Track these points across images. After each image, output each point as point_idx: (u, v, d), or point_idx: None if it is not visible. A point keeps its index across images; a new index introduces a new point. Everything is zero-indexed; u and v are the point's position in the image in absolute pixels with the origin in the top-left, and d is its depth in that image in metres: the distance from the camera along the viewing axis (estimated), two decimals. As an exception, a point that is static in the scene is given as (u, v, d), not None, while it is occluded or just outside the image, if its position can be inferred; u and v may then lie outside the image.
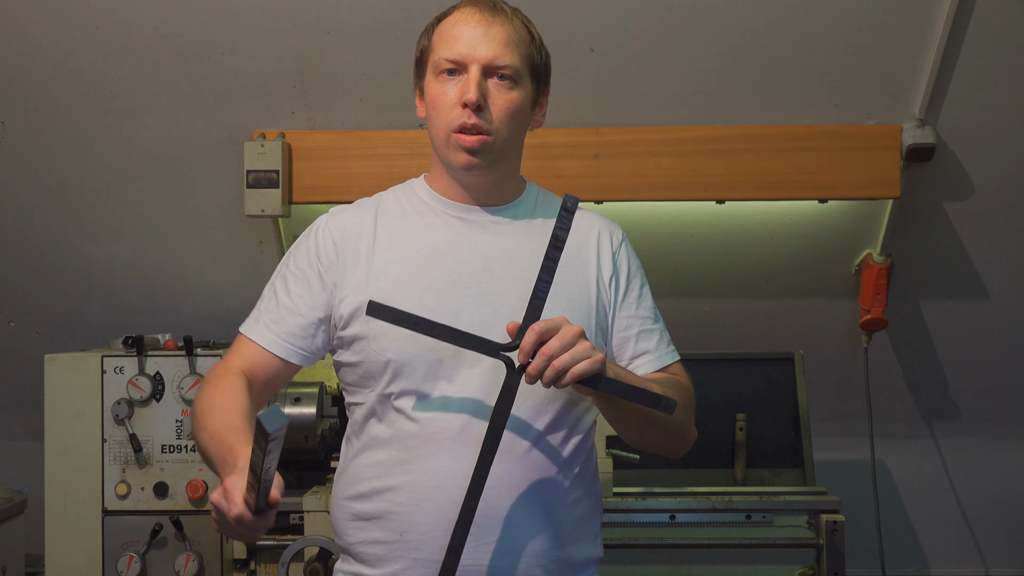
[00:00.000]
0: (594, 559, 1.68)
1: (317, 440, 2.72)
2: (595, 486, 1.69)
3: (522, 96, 1.63)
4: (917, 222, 3.05)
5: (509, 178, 1.70)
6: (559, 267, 1.51)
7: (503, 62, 1.60)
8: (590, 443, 1.68)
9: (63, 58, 2.85)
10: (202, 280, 3.22)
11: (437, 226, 1.67)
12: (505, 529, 1.55)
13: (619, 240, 1.73)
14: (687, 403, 1.66)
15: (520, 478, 1.56)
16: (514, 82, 1.62)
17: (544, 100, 1.71)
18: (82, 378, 2.62)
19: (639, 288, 1.72)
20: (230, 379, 1.60)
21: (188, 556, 2.57)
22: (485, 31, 1.60)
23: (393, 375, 1.59)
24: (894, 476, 3.47)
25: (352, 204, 1.73)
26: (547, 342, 1.42)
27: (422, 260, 1.62)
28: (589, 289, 1.66)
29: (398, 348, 1.57)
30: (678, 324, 1.80)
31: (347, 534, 1.64)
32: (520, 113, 1.64)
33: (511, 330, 1.46)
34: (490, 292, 1.60)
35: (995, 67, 2.79)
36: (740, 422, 3.03)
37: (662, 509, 2.69)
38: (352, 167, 2.95)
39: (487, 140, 1.60)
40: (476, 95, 1.58)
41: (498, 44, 1.60)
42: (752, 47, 2.81)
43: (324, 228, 1.69)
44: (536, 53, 1.67)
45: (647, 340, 1.69)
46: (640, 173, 2.93)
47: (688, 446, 1.71)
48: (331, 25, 2.76)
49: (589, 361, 1.43)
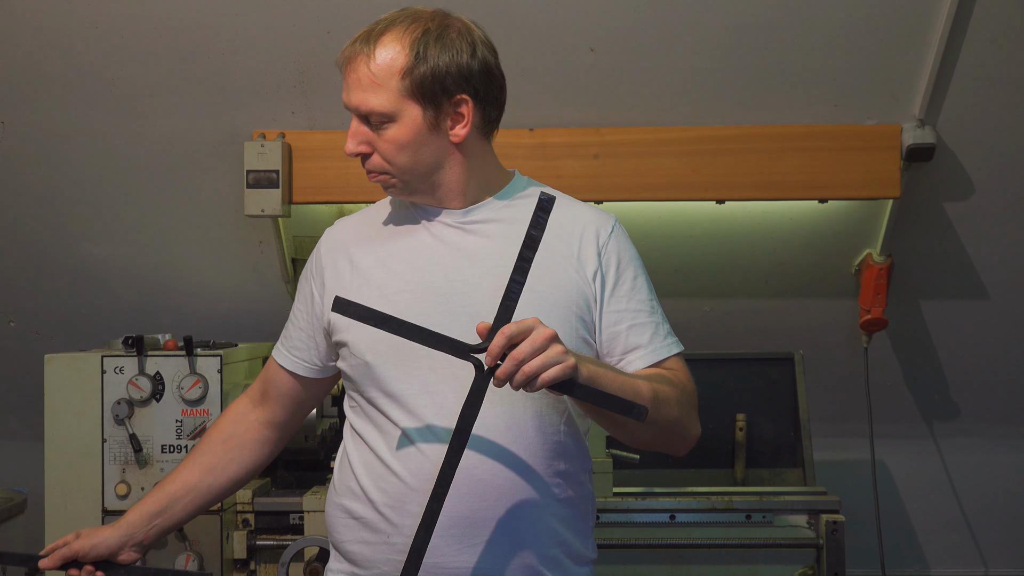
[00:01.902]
0: (586, 559, 1.65)
1: (317, 440, 2.72)
2: (586, 485, 1.66)
3: (403, 130, 1.56)
4: (917, 222, 3.05)
5: (457, 184, 1.63)
6: (541, 264, 1.49)
7: (365, 109, 1.56)
8: (580, 440, 1.65)
9: (63, 58, 2.85)
10: (202, 280, 3.22)
11: (413, 229, 1.66)
12: (491, 530, 1.54)
13: (608, 232, 1.66)
14: (684, 399, 1.60)
15: (506, 477, 1.55)
16: (389, 120, 1.56)
17: (463, 109, 1.58)
18: (82, 378, 2.62)
19: (631, 280, 1.65)
20: (226, 414, 1.82)
21: (188, 556, 2.57)
22: (349, 75, 1.57)
23: (373, 378, 1.59)
24: (894, 476, 3.47)
25: (356, 213, 1.77)
26: (518, 345, 1.37)
27: (395, 264, 1.62)
28: (572, 285, 1.61)
29: (375, 351, 1.58)
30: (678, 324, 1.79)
31: (337, 533, 1.65)
32: (410, 145, 1.57)
33: (481, 331, 1.41)
34: (461, 291, 1.58)
35: (995, 67, 2.79)
36: (740, 422, 3.03)
37: (662, 509, 2.69)
38: (352, 167, 2.94)
39: (387, 178, 1.60)
40: (354, 149, 1.58)
41: (357, 91, 1.55)
42: (752, 47, 2.81)
43: (321, 243, 1.73)
44: (421, 70, 1.54)
45: (639, 334, 1.63)
46: (640, 173, 2.93)
47: (690, 444, 1.65)
48: (331, 25, 2.76)
49: (560, 367, 1.38)
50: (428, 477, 1.50)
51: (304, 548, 2.56)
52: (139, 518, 1.71)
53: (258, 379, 1.83)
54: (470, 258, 1.61)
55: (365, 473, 1.60)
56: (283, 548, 2.59)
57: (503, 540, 1.54)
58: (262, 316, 3.19)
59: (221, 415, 1.84)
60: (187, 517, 1.76)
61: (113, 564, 1.69)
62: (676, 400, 1.58)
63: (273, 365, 1.78)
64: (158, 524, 1.72)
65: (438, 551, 1.53)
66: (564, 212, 1.65)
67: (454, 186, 1.63)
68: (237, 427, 1.79)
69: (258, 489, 2.69)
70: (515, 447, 1.56)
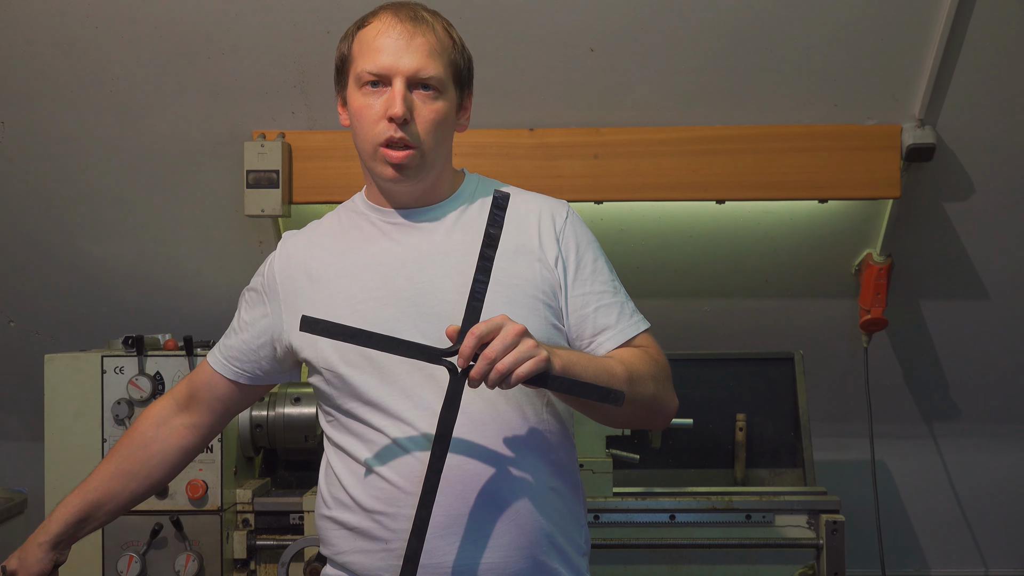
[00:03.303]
0: (581, 551, 1.65)
1: (317, 440, 2.72)
2: (575, 475, 1.67)
3: (447, 105, 1.62)
4: (917, 222, 3.06)
5: (441, 180, 1.68)
6: (503, 256, 1.50)
7: (427, 73, 1.59)
8: (565, 431, 1.66)
9: (63, 58, 2.85)
10: (202, 280, 3.22)
11: (371, 236, 1.67)
12: (481, 527, 1.54)
13: (563, 218, 1.68)
14: (658, 373, 1.61)
15: (492, 473, 1.55)
16: (439, 92, 1.60)
17: (468, 104, 1.69)
18: (82, 378, 2.62)
19: (591, 263, 1.67)
20: (146, 417, 1.81)
21: (188, 556, 2.57)
22: (408, 42, 1.58)
23: (350, 389, 1.59)
24: (894, 476, 3.47)
25: (304, 228, 1.77)
26: (489, 344, 1.38)
27: (357, 273, 1.62)
28: (534, 274, 1.62)
29: (347, 361, 1.58)
30: (678, 324, 1.80)
31: (333, 545, 1.64)
32: (446, 122, 1.62)
33: (451, 334, 1.42)
34: (426, 292, 1.59)
35: (995, 67, 2.79)
36: (740, 422, 3.03)
37: (662, 509, 2.69)
38: (352, 167, 2.95)
39: (413, 154, 1.60)
40: (402, 109, 1.57)
41: (421, 55, 1.58)
42: (752, 47, 2.81)
43: (274, 258, 1.74)
44: (459, 58, 1.64)
45: (605, 315, 1.64)
46: (640, 173, 2.93)
47: (669, 417, 1.67)
48: (331, 25, 2.76)
49: (533, 361, 1.39)
50: (419, 478, 1.50)
51: (304, 548, 2.56)
52: (62, 528, 1.75)
53: (184, 382, 1.84)
54: (431, 258, 1.62)
55: (354, 483, 1.60)
56: (283, 548, 2.59)
57: (494, 536, 1.54)
58: (262, 316, 3.18)
59: (140, 417, 1.83)
60: (108, 522, 1.81)
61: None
62: (651, 376, 1.60)
63: (207, 370, 1.79)
64: (81, 531, 1.78)
65: (437, 552, 1.53)
66: (518, 203, 1.67)
67: (441, 179, 1.67)
68: (159, 432, 1.81)
69: (258, 489, 2.69)
70: (501, 440, 1.56)
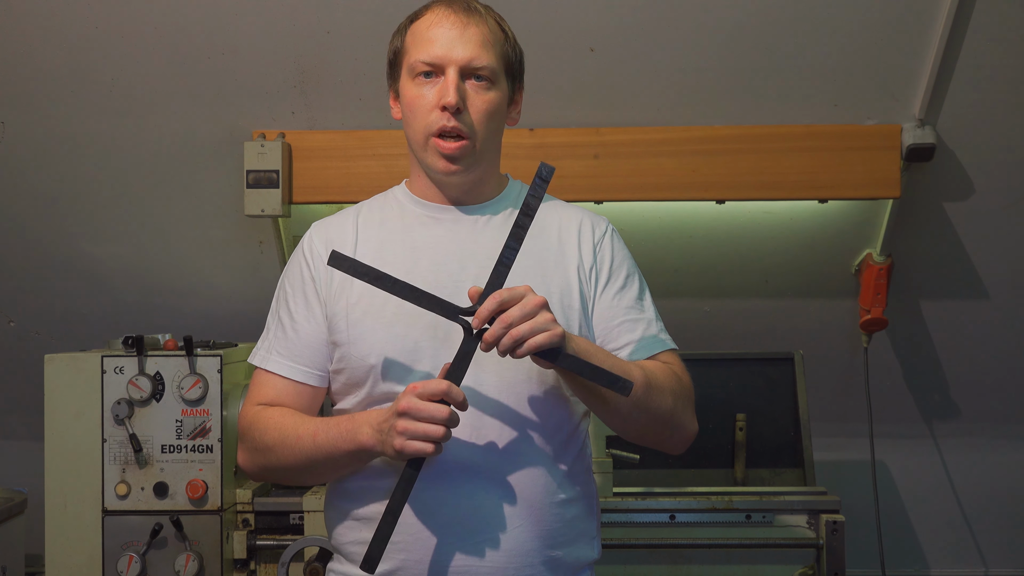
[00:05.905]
0: (588, 562, 1.65)
1: (317, 440, 2.72)
2: (589, 485, 1.67)
3: (499, 96, 1.63)
4: (917, 222, 3.06)
5: (489, 176, 1.69)
6: (538, 261, 1.51)
7: (480, 63, 1.60)
8: (582, 440, 1.66)
9: (63, 58, 2.85)
10: (202, 280, 3.22)
11: (415, 229, 1.67)
12: (490, 529, 1.54)
13: (603, 232, 1.70)
14: (679, 391, 1.61)
15: (506, 476, 1.55)
16: (491, 83, 1.61)
17: (519, 97, 1.71)
18: (82, 378, 2.62)
19: (623, 279, 1.68)
20: (271, 410, 1.64)
21: (188, 556, 2.57)
22: (461, 32, 1.59)
23: (376, 379, 1.58)
24: (894, 476, 3.47)
25: (334, 216, 1.74)
26: (508, 310, 1.41)
27: (400, 263, 1.62)
28: (569, 278, 1.63)
29: (379, 352, 1.58)
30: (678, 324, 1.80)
31: (339, 534, 1.64)
32: (498, 113, 1.63)
33: (472, 295, 1.45)
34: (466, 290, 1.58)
35: (995, 67, 2.79)
36: (740, 422, 3.03)
37: (662, 509, 2.69)
38: (352, 167, 2.95)
39: (466, 144, 1.60)
40: (455, 98, 1.57)
41: (474, 45, 1.59)
42: (752, 47, 2.81)
43: (309, 243, 1.70)
44: (511, 51, 1.66)
45: (631, 329, 1.65)
46: (640, 173, 2.93)
47: (687, 440, 1.66)
48: (331, 25, 2.76)
49: (548, 333, 1.41)
50: (434, 465, 1.51)
51: (304, 548, 2.56)
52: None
53: (261, 396, 1.67)
54: (473, 256, 1.62)
55: (365, 474, 1.59)
56: (283, 548, 2.59)
57: (503, 539, 1.54)
58: (262, 316, 3.16)
59: (275, 411, 1.63)
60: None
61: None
62: (671, 390, 1.58)
63: (280, 382, 1.66)
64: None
65: (446, 551, 1.53)
66: (560, 212, 1.70)
67: (488, 174, 1.68)
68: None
69: (258, 489, 2.69)
70: (518, 444, 1.56)
